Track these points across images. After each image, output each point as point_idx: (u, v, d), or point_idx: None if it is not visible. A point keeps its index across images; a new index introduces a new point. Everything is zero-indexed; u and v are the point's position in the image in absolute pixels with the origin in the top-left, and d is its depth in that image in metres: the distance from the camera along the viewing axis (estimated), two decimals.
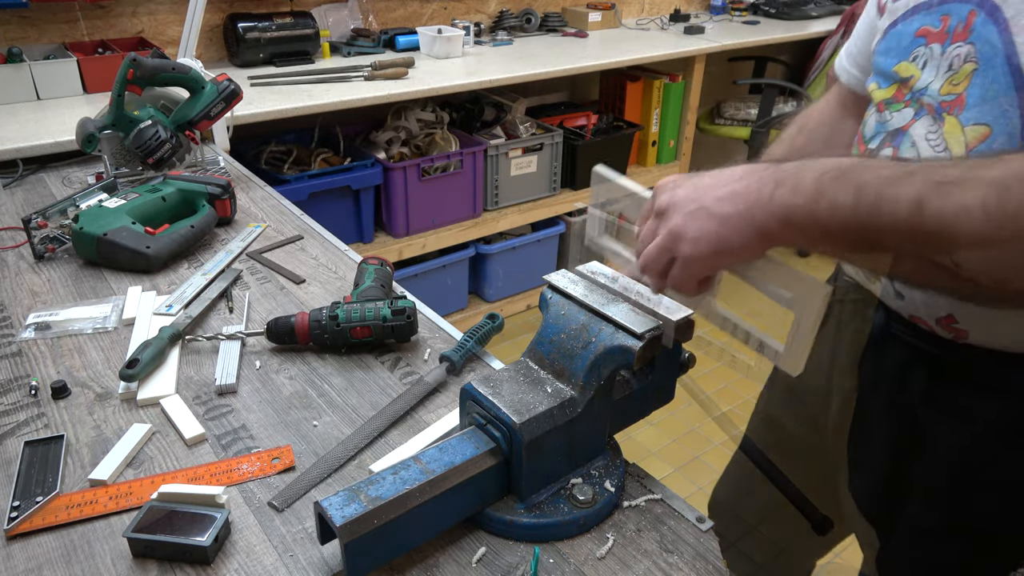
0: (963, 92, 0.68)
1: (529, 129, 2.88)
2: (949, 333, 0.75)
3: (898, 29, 0.77)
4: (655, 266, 0.67)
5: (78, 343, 1.02)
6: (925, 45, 0.73)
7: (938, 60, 0.71)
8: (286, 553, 0.70)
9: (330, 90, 2.24)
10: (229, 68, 2.46)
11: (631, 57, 2.84)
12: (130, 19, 2.37)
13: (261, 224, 1.39)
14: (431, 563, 0.70)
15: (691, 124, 3.34)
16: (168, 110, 1.55)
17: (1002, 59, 0.64)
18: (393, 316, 0.98)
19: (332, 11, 2.73)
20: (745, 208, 0.60)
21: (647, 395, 0.81)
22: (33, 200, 1.48)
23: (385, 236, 2.62)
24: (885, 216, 0.53)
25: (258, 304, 1.13)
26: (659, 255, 0.66)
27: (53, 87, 2.06)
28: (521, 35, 3.12)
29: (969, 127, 0.67)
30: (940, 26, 0.71)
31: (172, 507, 0.72)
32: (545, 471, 0.73)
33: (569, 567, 0.70)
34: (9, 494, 0.75)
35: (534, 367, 0.76)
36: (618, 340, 0.71)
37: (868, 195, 0.54)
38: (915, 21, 0.75)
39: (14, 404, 0.90)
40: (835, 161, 0.58)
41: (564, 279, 0.80)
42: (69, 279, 1.19)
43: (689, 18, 3.50)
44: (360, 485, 0.66)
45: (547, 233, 3.01)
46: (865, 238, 0.55)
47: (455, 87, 2.41)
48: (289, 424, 0.88)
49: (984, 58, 0.66)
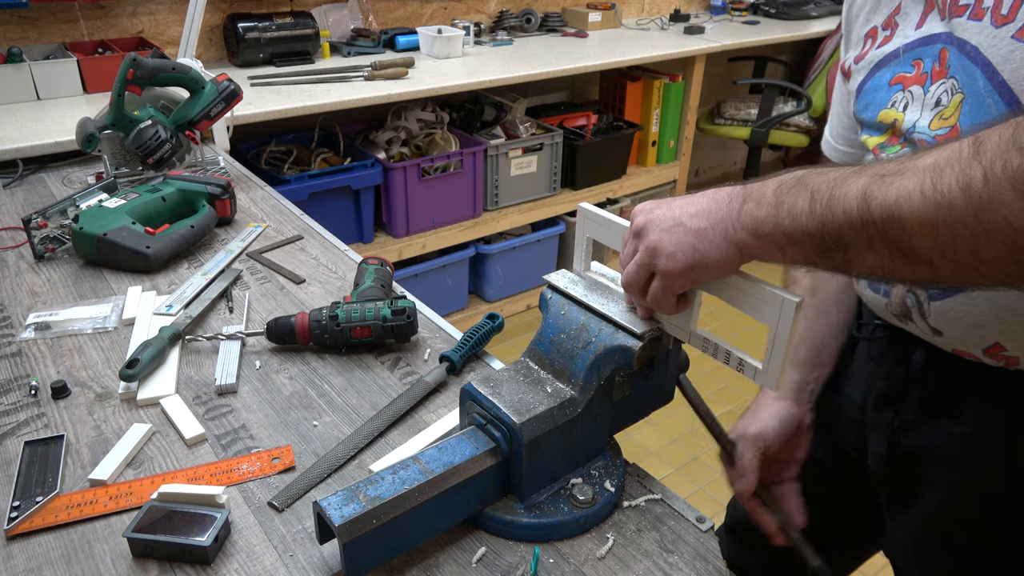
0: (956, 123, 0.69)
1: (529, 129, 2.88)
2: (999, 362, 0.73)
3: (871, 84, 0.80)
4: (636, 282, 0.69)
5: (78, 343, 1.02)
6: (903, 90, 0.75)
7: (921, 100, 0.73)
8: (286, 553, 0.70)
9: (330, 90, 2.24)
10: (229, 68, 2.46)
11: (631, 57, 2.84)
12: (130, 19, 2.37)
13: (261, 224, 1.39)
14: (431, 563, 0.70)
15: (691, 124, 3.34)
16: (168, 110, 1.55)
17: (984, 80, 0.65)
18: (393, 316, 0.98)
19: (332, 11, 2.73)
20: (719, 221, 0.63)
21: (647, 395, 0.81)
22: (33, 200, 1.48)
23: (385, 236, 2.62)
24: (838, 213, 0.56)
25: (258, 304, 1.13)
26: (638, 272, 0.68)
27: (53, 87, 2.06)
28: (521, 35, 3.12)
29: None
30: (915, 71, 0.74)
31: (172, 507, 0.72)
32: (545, 471, 0.73)
33: (569, 567, 0.70)
34: (9, 494, 0.75)
35: (534, 367, 0.76)
36: (618, 340, 0.71)
37: (821, 197, 0.57)
38: (886, 73, 0.77)
39: (14, 404, 0.90)
40: (793, 172, 0.62)
41: (564, 279, 0.80)
42: (69, 279, 1.19)
43: (689, 18, 3.50)
44: (359, 485, 0.66)
45: (547, 233, 3.01)
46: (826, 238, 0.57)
47: (455, 87, 2.41)
48: (289, 424, 0.88)
49: (967, 86, 0.68)
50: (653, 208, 0.68)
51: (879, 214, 0.54)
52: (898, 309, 0.80)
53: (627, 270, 0.70)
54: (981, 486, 0.79)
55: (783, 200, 0.60)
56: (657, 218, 0.67)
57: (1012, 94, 0.63)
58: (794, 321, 0.63)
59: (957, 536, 0.82)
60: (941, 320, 0.75)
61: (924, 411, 0.82)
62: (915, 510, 0.86)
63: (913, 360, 0.82)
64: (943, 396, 0.80)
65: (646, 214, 0.68)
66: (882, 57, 0.78)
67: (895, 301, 0.79)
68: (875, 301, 0.84)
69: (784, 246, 0.60)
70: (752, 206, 0.62)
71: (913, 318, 0.78)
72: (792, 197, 0.59)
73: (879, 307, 0.84)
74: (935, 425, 0.81)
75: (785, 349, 0.64)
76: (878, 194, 0.54)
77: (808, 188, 0.58)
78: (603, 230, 0.77)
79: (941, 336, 0.76)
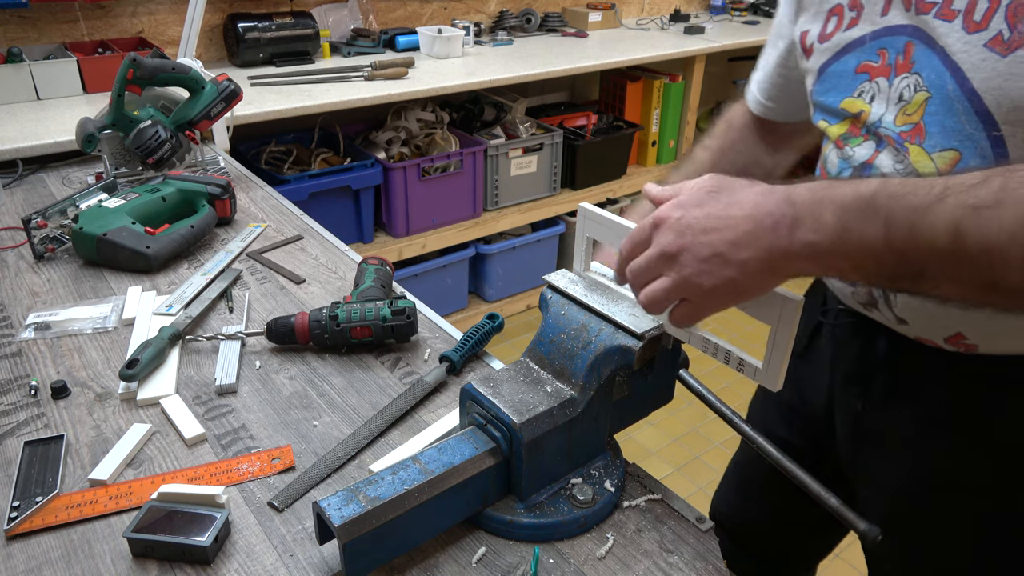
0: (920, 121, 0.68)
1: (529, 129, 2.88)
2: (959, 349, 0.75)
3: (834, 68, 0.78)
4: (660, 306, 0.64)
5: (78, 343, 1.02)
6: (870, 80, 0.73)
7: (886, 93, 0.72)
8: (286, 553, 0.70)
9: (330, 90, 2.24)
10: (229, 68, 2.46)
11: (631, 57, 2.84)
12: (130, 19, 2.37)
13: (261, 224, 1.39)
14: (431, 563, 0.70)
15: (691, 124, 3.34)
16: (168, 110, 1.55)
17: (954, 85, 0.65)
18: (393, 316, 0.98)
19: (332, 11, 2.73)
20: (764, 252, 0.58)
21: (647, 395, 0.81)
22: (33, 200, 1.48)
23: (385, 236, 2.62)
24: (923, 246, 0.53)
25: (258, 304, 1.13)
26: (666, 298, 0.63)
27: (53, 87, 2.06)
28: (521, 35, 3.12)
29: (936, 154, 0.67)
30: (880, 60, 0.72)
31: (172, 507, 0.72)
32: (545, 471, 0.73)
33: (569, 567, 0.70)
34: (9, 494, 0.75)
35: (534, 367, 0.76)
36: (618, 340, 0.71)
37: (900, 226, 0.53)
38: (850, 59, 0.76)
39: (14, 404, 0.90)
40: (853, 190, 0.56)
41: (564, 279, 0.80)
42: (69, 279, 1.19)
43: (689, 18, 3.50)
44: (359, 485, 0.66)
45: (547, 233, 3.01)
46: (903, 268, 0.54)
47: (455, 87, 2.41)
48: (289, 424, 0.88)
49: (934, 85, 0.67)
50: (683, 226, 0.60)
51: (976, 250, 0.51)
52: (864, 298, 0.81)
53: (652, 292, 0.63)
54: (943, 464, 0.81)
55: (850, 227, 0.55)
56: (691, 245, 0.59)
57: (982, 103, 0.63)
58: (795, 321, 0.63)
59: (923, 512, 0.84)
60: (906, 310, 0.76)
61: (888, 394, 0.84)
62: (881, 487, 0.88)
63: (877, 346, 0.84)
64: (906, 380, 0.82)
65: (677, 234, 0.60)
66: (849, 42, 0.75)
67: (862, 290, 0.81)
68: (841, 289, 0.86)
69: (843, 269, 0.57)
70: (807, 233, 0.57)
71: (879, 307, 0.79)
72: (861, 224, 0.55)
73: (845, 294, 0.85)
74: (899, 407, 0.83)
75: (785, 349, 0.64)
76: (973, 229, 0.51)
77: (881, 215, 0.54)
78: (603, 230, 0.77)
79: (906, 325, 0.77)
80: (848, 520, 0.64)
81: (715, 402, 0.74)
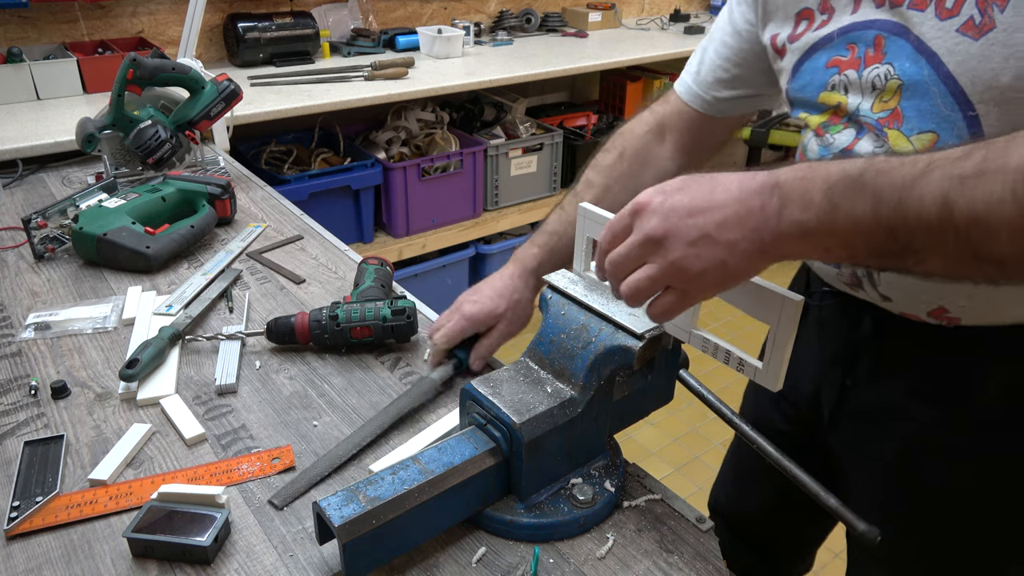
0: (896, 106, 0.70)
1: (529, 129, 2.88)
2: (941, 322, 0.77)
3: (808, 66, 0.80)
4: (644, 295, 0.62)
5: (78, 343, 1.02)
6: (839, 73, 0.76)
7: (858, 84, 0.73)
8: (286, 553, 0.70)
9: (330, 90, 2.24)
10: (229, 68, 2.46)
11: (631, 57, 2.84)
12: (130, 19, 2.37)
13: (261, 224, 1.39)
14: (431, 563, 0.70)
15: None
16: (168, 110, 1.55)
17: (929, 70, 0.66)
18: (393, 316, 0.98)
19: (332, 11, 2.73)
20: (752, 231, 0.57)
21: (647, 395, 0.81)
22: (33, 200, 1.48)
23: (385, 236, 2.62)
24: (911, 219, 0.53)
25: (258, 304, 1.13)
26: (652, 285, 0.61)
27: (53, 87, 2.06)
28: (521, 35, 3.12)
29: (915, 136, 0.69)
30: (849, 55, 0.74)
31: (172, 507, 0.72)
32: (545, 471, 0.73)
33: (569, 567, 0.70)
34: (9, 494, 0.75)
35: (534, 367, 0.76)
36: (618, 340, 0.71)
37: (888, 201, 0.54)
38: (821, 56, 0.77)
39: (14, 404, 0.90)
40: (839, 169, 0.56)
41: (564, 279, 0.80)
42: (69, 279, 1.19)
43: (689, 18, 3.50)
44: (359, 485, 0.66)
45: None
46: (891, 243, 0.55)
47: (455, 87, 2.41)
48: (289, 424, 0.88)
49: (910, 73, 0.68)
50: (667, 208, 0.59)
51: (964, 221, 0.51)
52: (849, 278, 0.82)
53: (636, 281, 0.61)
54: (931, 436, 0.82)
55: (838, 203, 0.55)
56: (677, 228, 0.58)
57: (957, 85, 0.65)
58: (795, 321, 0.63)
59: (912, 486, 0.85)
60: (890, 287, 0.78)
61: (874, 370, 0.86)
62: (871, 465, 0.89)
63: (863, 325, 0.85)
64: (892, 356, 0.84)
65: (661, 218, 0.59)
66: (817, 40, 0.78)
67: (846, 271, 0.82)
68: (825, 270, 0.87)
69: (832, 247, 0.57)
70: (796, 211, 0.56)
71: (864, 286, 0.81)
72: (850, 200, 0.55)
73: (830, 275, 0.86)
74: (886, 383, 0.85)
75: (785, 349, 0.64)
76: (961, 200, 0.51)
77: (869, 191, 0.54)
78: None
79: (890, 302, 0.79)
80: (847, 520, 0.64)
81: (715, 402, 0.73)
